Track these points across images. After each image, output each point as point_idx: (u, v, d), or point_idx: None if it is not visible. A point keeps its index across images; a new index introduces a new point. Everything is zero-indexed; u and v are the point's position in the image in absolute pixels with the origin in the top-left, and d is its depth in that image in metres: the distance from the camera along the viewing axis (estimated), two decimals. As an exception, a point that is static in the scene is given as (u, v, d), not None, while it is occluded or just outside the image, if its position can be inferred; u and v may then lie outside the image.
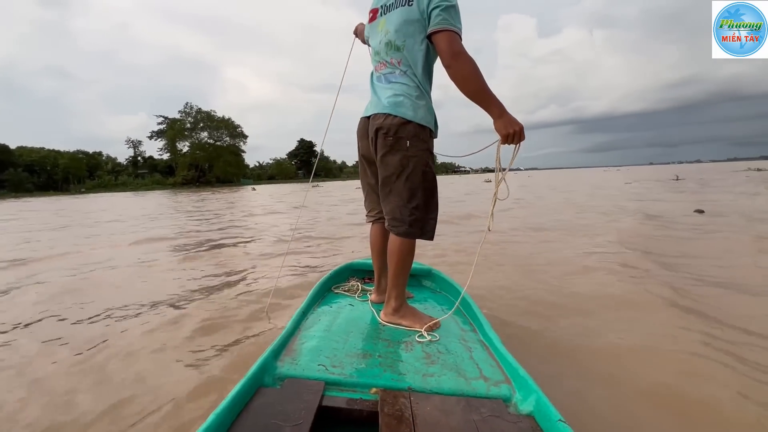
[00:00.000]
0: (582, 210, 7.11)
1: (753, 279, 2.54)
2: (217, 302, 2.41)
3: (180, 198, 21.00)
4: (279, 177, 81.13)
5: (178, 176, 59.70)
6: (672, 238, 3.99)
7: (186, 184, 58.36)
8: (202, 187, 49.60)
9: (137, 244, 5.11)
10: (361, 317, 1.49)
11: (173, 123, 60.69)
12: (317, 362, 1.11)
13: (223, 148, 63.66)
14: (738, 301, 2.19)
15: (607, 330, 1.86)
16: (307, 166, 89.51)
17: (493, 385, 1.03)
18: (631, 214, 6.12)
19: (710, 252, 3.34)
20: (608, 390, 1.38)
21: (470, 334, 1.37)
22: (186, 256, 4.05)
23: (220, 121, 63.56)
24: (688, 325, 1.85)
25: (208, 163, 63.01)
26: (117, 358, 1.70)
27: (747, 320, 1.88)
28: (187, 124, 61.62)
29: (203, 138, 62.75)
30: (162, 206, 14.06)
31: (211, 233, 5.95)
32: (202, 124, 62.36)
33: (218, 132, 63.70)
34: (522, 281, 2.67)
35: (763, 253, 3.22)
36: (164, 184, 58.58)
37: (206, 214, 9.53)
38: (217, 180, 62.32)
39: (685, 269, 2.81)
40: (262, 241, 5.05)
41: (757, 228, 4.31)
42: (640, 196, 9.96)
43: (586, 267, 2.96)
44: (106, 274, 3.37)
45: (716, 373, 1.46)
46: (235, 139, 65.79)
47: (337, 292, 1.80)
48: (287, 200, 14.88)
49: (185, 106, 62.43)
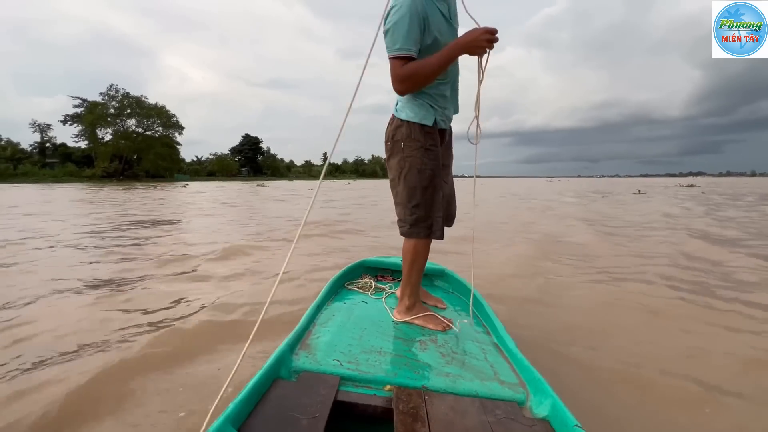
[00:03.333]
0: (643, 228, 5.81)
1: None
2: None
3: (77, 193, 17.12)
4: (220, 174, 74.92)
5: (97, 168, 51.75)
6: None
7: (107, 177, 50.91)
8: (126, 182, 43.33)
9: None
10: (375, 314, 1.48)
11: (93, 107, 52.31)
12: (332, 357, 1.11)
13: (155, 139, 56.27)
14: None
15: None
16: (251, 163, 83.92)
17: (507, 388, 1.03)
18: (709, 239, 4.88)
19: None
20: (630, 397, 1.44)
21: (484, 336, 1.38)
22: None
23: (152, 108, 56.01)
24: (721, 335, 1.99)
25: (136, 155, 55.65)
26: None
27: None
28: (110, 109, 53.52)
29: (130, 126, 55.12)
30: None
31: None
32: (130, 110, 54.62)
33: (149, 120, 56.23)
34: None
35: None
36: (79, 176, 50.56)
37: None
38: (146, 174, 55.22)
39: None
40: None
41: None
42: (686, 213, 9.10)
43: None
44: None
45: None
46: (168, 130, 58.59)
47: (350, 288, 1.80)
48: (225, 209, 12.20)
49: (109, 88, 54.07)
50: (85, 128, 52.66)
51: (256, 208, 10.10)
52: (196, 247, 4.42)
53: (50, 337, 1.93)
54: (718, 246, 4.44)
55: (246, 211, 9.44)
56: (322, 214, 7.84)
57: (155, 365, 1.64)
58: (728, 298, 2.65)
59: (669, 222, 6.84)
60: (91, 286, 2.85)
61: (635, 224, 6.66)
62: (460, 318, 1.49)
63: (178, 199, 14.09)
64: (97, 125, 52.44)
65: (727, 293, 2.75)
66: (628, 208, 9.92)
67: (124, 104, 54.40)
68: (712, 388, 1.52)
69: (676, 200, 13.33)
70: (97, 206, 10.54)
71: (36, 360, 1.69)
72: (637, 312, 2.38)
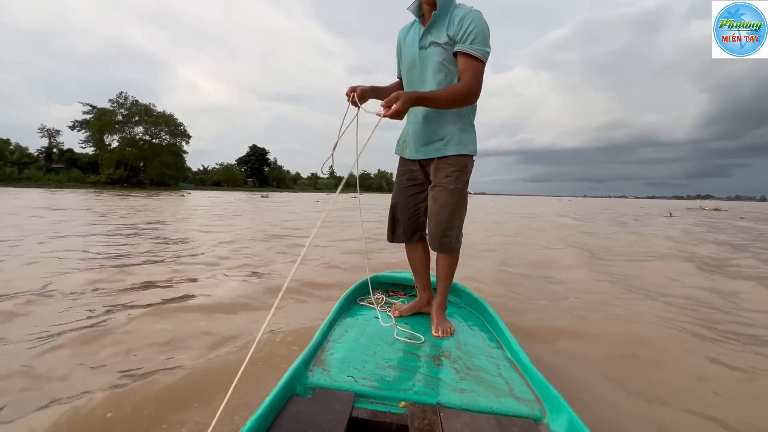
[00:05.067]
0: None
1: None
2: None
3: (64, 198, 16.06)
4: (225, 184, 74.47)
5: (102, 174, 51.28)
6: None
7: (111, 183, 50.29)
8: (129, 189, 42.59)
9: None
10: (388, 330, 1.48)
11: (101, 113, 52.03)
12: (347, 373, 1.11)
13: (161, 146, 55.76)
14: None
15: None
16: (257, 173, 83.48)
17: (524, 404, 1.02)
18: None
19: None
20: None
21: (497, 351, 1.37)
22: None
23: (160, 116, 55.61)
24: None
25: (142, 162, 55.12)
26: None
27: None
28: (118, 116, 53.15)
29: (138, 133, 54.68)
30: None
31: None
32: (138, 117, 54.23)
33: (156, 128, 55.83)
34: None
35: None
36: (83, 181, 50.02)
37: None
38: (151, 182, 54.58)
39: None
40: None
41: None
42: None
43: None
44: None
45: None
46: (176, 138, 58.14)
47: (362, 304, 1.80)
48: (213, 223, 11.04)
49: (118, 95, 53.87)
50: (92, 134, 52.29)
51: (250, 245, 8.85)
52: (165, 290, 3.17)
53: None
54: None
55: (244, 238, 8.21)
56: (356, 233, 6.60)
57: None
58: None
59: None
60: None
61: (737, 263, 5.31)
62: (474, 333, 1.53)
63: (165, 213, 12.96)
64: (104, 132, 52.12)
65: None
66: (700, 236, 8.55)
67: (132, 111, 54.06)
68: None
69: (724, 226, 11.97)
70: (57, 217, 9.39)
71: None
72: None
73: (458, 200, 1.48)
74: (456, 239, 1.53)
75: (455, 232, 1.51)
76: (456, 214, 1.49)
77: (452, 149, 1.47)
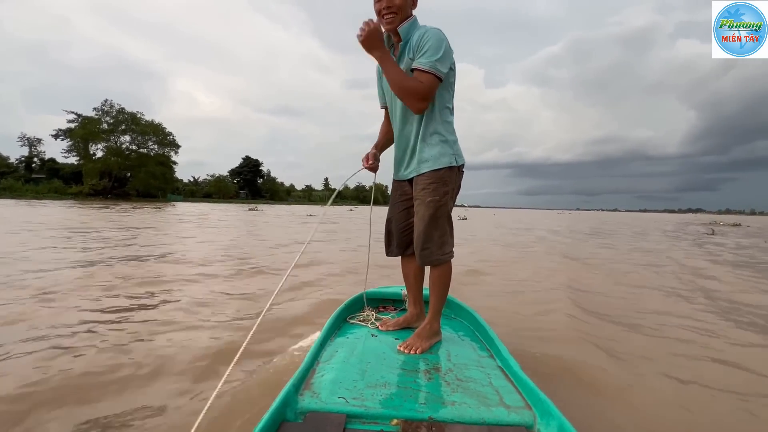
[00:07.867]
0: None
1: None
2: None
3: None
4: (217, 195, 71.94)
5: (85, 185, 48.59)
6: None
7: (95, 195, 47.66)
8: (113, 201, 40.08)
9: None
10: (379, 347, 1.46)
11: (86, 122, 49.37)
12: (337, 395, 1.09)
13: (148, 157, 53.27)
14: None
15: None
16: (250, 185, 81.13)
17: (514, 412, 1.02)
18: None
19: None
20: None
21: (488, 360, 1.37)
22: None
23: (148, 125, 53.14)
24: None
25: (128, 173, 52.64)
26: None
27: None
28: (103, 124, 50.63)
29: (124, 143, 52.24)
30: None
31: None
32: (125, 126, 51.84)
33: (144, 138, 53.32)
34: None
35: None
36: (64, 192, 47.36)
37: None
38: (137, 193, 52.03)
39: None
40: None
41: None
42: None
43: None
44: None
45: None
46: (164, 148, 55.63)
47: (352, 322, 1.78)
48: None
49: (103, 103, 51.28)
50: (75, 143, 49.82)
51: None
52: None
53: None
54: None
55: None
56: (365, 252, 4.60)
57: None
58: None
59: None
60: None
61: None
62: (464, 344, 1.53)
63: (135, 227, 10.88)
64: (89, 140, 49.70)
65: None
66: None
67: (119, 120, 51.75)
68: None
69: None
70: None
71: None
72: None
73: (435, 212, 1.49)
74: (438, 252, 1.51)
75: (435, 244, 1.51)
76: (433, 227, 1.50)
77: (427, 166, 1.51)
